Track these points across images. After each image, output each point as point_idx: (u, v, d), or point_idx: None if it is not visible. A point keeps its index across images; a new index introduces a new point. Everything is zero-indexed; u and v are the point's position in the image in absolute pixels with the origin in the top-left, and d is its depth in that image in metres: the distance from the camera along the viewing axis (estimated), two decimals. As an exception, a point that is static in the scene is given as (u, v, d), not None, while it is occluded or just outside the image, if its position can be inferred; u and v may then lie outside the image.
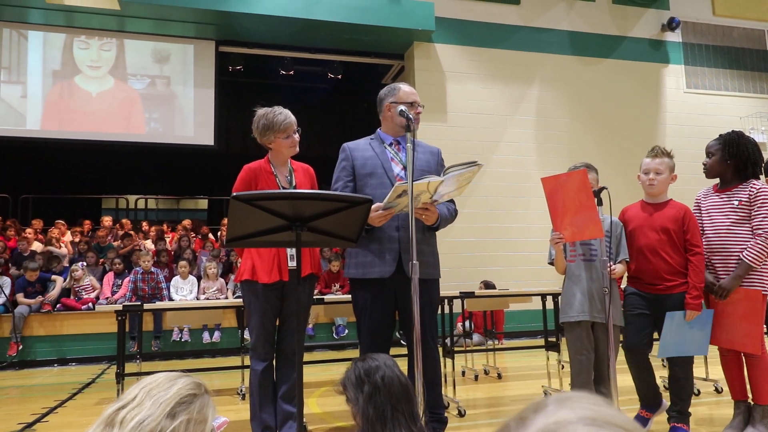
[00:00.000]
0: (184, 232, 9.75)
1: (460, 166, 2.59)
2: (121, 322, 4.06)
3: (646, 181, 3.19)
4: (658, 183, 3.16)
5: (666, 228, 3.10)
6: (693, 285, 3.01)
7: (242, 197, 1.97)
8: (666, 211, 3.16)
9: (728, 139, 3.15)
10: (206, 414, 1.16)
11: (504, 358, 6.68)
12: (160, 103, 9.17)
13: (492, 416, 3.94)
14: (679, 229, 3.09)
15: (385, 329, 2.94)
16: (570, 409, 0.55)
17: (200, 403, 1.15)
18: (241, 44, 9.44)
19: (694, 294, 3.00)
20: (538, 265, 6.48)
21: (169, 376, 1.17)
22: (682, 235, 3.08)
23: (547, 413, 0.55)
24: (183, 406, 1.11)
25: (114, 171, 12.12)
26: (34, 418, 4.18)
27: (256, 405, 3.04)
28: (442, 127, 9.10)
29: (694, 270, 3.03)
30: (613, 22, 10.31)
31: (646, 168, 3.20)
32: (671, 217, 3.12)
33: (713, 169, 3.20)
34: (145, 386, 1.13)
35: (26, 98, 8.68)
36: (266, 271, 2.99)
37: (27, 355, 7.21)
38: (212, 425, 1.18)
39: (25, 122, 8.63)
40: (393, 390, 1.66)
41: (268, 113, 3.04)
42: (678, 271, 3.07)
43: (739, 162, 3.11)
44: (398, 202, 2.64)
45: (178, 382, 1.15)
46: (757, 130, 10.61)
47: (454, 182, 2.63)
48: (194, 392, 1.15)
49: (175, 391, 1.12)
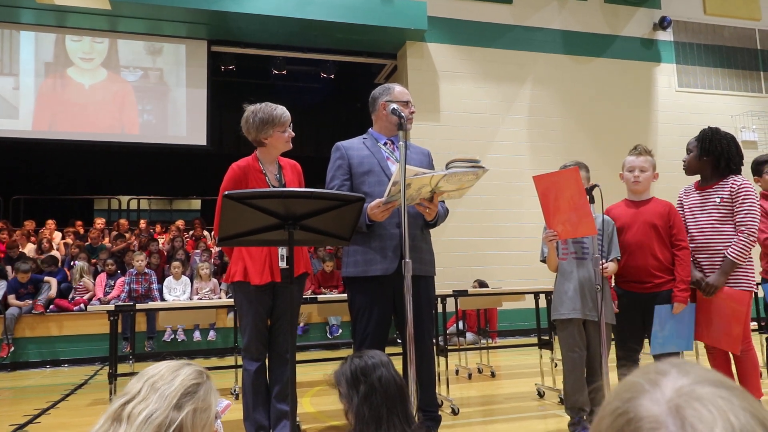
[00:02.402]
0: (177, 232, 9.72)
1: (465, 162, 2.58)
2: (113, 322, 4.05)
3: (631, 178, 3.22)
4: (643, 180, 3.20)
5: (653, 224, 3.13)
6: (680, 279, 3.04)
7: (234, 196, 1.96)
8: (651, 207, 3.19)
9: (702, 135, 3.16)
10: (210, 401, 1.18)
11: (497, 357, 6.70)
12: (153, 96, 9.11)
13: (485, 414, 3.95)
14: (665, 224, 3.12)
15: (382, 330, 2.92)
16: (694, 374, 0.57)
17: (204, 390, 1.17)
18: (234, 44, 9.41)
19: (681, 287, 3.03)
20: (531, 264, 6.51)
21: (171, 366, 1.19)
22: (668, 231, 3.12)
23: (673, 376, 0.57)
24: (188, 397, 1.14)
25: (106, 171, 12.07)
26: (26, 420, 4.15)
27: (250, 405, 3.03)
28: (435, 127, 9.10)
29: (680, 264, 3.06)
30: (605, 21, 10.35)
31: (631, 166, 3.24)
32: (657, 213, 3.15)
33: (691, 165, 3.21)
34: (149, 379, 1.15)
35: (18, 90, 8.62)
36: (258, 272, 2.98)
37: (19, 356, 7.17)
38: (216, 410, 1.21)
39: (17, 114, 8.57)
40: (389, 392, 1.65)
41: (264, 108, 3.01)
42: (666, 267, 3.10)
43: (714, 158, 3.12)
44: (399, 195, 2.64)
45: (181, 373, 1.17)
46: (748, 128, 10.68)
47: (456, 181, 2.62)
48: (197, 381, 1.17)
49: (180, 383, 1.14)
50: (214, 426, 1.21)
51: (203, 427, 1.15)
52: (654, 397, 0.56)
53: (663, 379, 0.57)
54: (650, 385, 0.57)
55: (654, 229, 3.12)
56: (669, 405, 0.54)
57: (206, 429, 1.17)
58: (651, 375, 0.59)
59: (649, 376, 0.59)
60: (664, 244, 3.11)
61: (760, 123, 10.81)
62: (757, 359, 3.08)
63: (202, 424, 1.15)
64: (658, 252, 3.09)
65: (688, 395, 0.54)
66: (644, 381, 0.58)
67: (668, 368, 0.59)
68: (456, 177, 2.59)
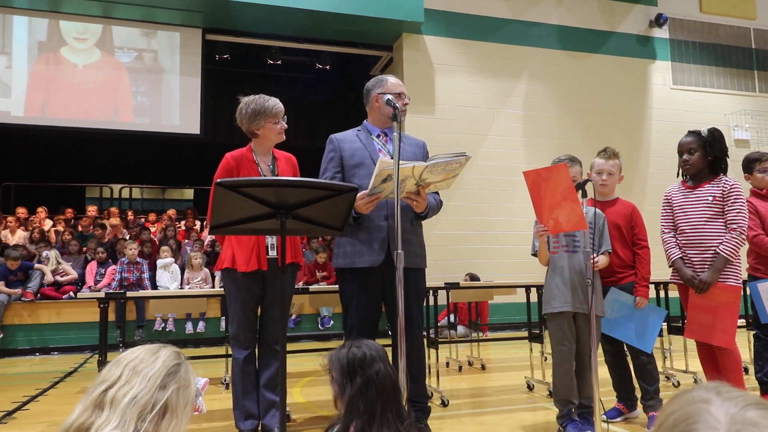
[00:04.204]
0: (169, 222, 9.68)
1: (447, 154, 2.59)
2: (103, 310, 4.03)
3: (599, 181, 3.36)
4: (610, 183, 3.38)
5: (617, 224, 3.31)
6: (642, 276, 3.26)
7: (226, 184, 1.95)
8: (615, 208, 3.36)
9: (712, 136, 3.18)
10: (190, 379, 1.21)
11: (488, 350, 6.73)
12: (147, 79, 9.02)
13: (475, 406, 3.97)
14: (627, 225, 3.31)
15: (371, 319, 2.95)
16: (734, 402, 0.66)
17: (184, 369, 1.20)
18: (229, 33, 9.35)
19: (643, 284, 3.24)
20: (523, 258, 6.52)
21: (149, 349, 1.20)
22: (630, 231, 3.31)
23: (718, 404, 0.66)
24: (171, 377, 1.16)
25: (98, 159, 11.95)
26: (14, 407, 4.14)
27: (239, 393, 3.03)
28: (429, 120, 9.09)
29: (641, 262, 3.28)
30: (602, 17, 10.36)
31: (599, 169, 3.37)
32: (621, 214, 3.33)
33: (697, 165, 3.21)
34: (128, 363, 1.15)
35: (11, 69, 8.54)
36: (245, 259, 2.98)
37: (8, 343, 7.13)
38: (196, 387, 1.24)
39: (10, 93, 8.48)
40: (385, 387, 1.65)
41: (257, 99, 3.02)
42: (627, 265, 3.30)
43: (715, 159, 3.16)
44: (383, 187, 2.63)
45: (161, 354, 1.19)
46: (741, 127, 10.74)
47: (441, 171, 2.63)
48: (178, 361, 1.20)
49: (161, 364, 1.16)
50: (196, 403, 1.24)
51: (186, 405, 1.18)
52: (710, 426, 0.63)
53: (711, 408, 0.65)
54: (700, 417, 0.65)
55: (617, 229, 3.30)
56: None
57: (188, 407, 1.19)
58: (697, 405, 0.66)
59: (696, 407, 0.66)
60: (626, 243, 3.31)
61: (753, 122, 10.87)
62: (740, 355, 3.12)
63: (184, 402, 1.17)
64: (620, 251, 3.29)
65: (742, 423, 0.62)
66: (693, 412, 0.66)
67: (709, 396, 0.67)
68: (439, 167, 2.59)
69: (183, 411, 1.16)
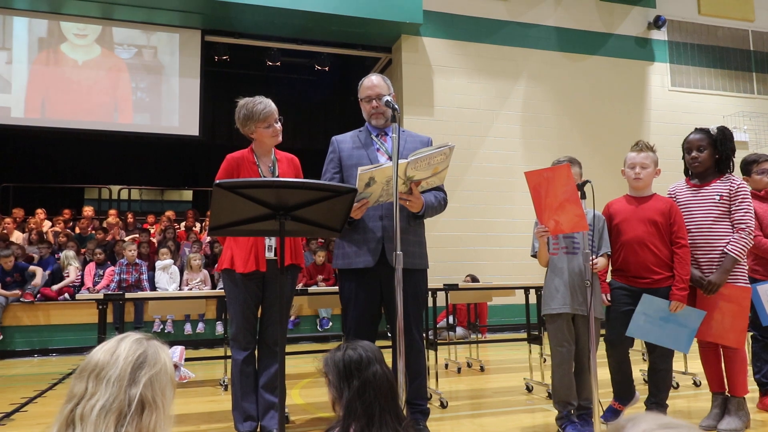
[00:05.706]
0: (168, 223, 9.67)
1: (429, 148, 2.60)
2: (101, 311, 4.02)
3: (632, 175, 3.21)
4: (644, 177, 3.19)
5: (654, 221, 3.12)
6: (680, 277, 3.03)
7: (225, 185, 1.95)
8: (652, 204, 3.18)
9: (722, 135, 3.17)
10: (161, 359, 1.13)
11: (487, 351, 6.73)
12: (147, 77, 9.02)
13: (474, 408, 3.97)
14: (666, 222, 3.11)
15: (370, 320, 2.95)
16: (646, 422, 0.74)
17: (151, 354, 1.11)
18: (228, 34, 9.35)
19: (680, 286, 3.02)
20: (522, 259, 6.55)
21: (108, 349, 1.12)
22: (668, 228, 3.11)
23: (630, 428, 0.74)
24: (139, 369, 1.08)
25: (97, 160, 11.95)
26: (12, 408, 4.13)
27: (238, 394, 3.03)
28: (428, 121, 9.10)
29: (680, 262, 3.05)
30: (600, 19, 10.37)
31: (632, 162, 3.22)
32: (658, 210, 3.14)
33: (706, 162, 3.20)
34: (90, 372, 1.09)
35: (11, 65, 8.53)
36: (243, 260, 2.98)
37: (7, 345, 7.12)
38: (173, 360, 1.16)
39: (10, 89, 8.47)
40: (383, 389, 1.64)
41: (248, 103, 3.02)
42: (665, 264, 3.09)
43: (723, 157, 3.15)
44: (370, 191, 2.61)
45: (120, 352, 1.11)
46: (739, 129, 10.75)
47: (426, 166, 2.61)
48: (140, 350, 1.11)
49: (123, 362, 1.09)
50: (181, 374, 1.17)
51: (166, 387, 1.11)
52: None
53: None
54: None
55: (654, 226, 3.11)
56: None
57: (170, 386, 1.12)
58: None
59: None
60: (664, 241, 3.10)
61: (752, 123, 10.89)
62: (746, 355, 3.12)
63: (163, 386, 1.10)
64: (657, 248, 3.09)
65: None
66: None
67: (623, 422, 0.75)
68: (423, 162, 2.58)
69: (162, 398, 1.10)
